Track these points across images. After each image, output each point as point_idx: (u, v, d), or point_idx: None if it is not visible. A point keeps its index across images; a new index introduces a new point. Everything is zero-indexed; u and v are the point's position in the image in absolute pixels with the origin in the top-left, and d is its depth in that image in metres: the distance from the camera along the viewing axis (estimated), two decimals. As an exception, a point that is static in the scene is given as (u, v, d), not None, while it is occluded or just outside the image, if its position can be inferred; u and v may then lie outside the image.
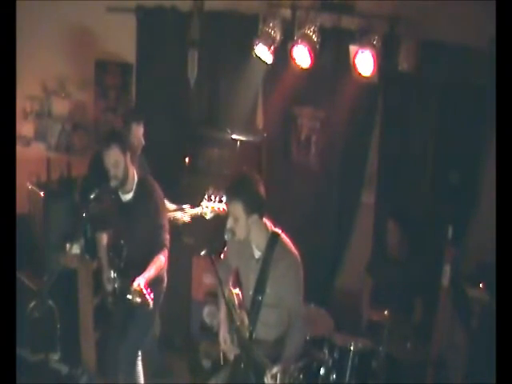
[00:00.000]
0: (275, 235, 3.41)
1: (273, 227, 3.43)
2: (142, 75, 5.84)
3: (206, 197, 4.49)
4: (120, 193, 4.08)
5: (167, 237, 4.03)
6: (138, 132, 4.68)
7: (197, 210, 4.57)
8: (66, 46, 5.96)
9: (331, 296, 5.38)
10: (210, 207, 4.49)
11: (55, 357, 4.86)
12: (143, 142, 4.71)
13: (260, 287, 3.41)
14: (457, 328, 4.56)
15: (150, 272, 3.85)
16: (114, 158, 3.92)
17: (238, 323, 3.50)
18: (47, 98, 6.23)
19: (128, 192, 4.07)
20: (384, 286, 4.71)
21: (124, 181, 4.01)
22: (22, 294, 4.64)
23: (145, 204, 4.02)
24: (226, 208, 4.07)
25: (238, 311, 3.55)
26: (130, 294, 3.73)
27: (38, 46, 5.99)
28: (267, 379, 3.22)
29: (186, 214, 4.60)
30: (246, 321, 3.47)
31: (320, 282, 5.18)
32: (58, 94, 6.17)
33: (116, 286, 4.08)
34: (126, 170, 3.99)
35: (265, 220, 3.39)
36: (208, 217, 4.54)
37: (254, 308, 3.45)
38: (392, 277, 4.65)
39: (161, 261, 3.95)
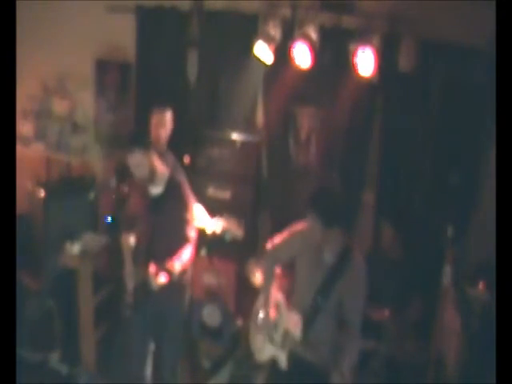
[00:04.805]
0: (349, 247, 3.45)
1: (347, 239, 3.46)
2: (142, 75, 5.83)
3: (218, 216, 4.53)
4: (149, 187, 4.13)
5: (192, 233, 4.07)
6: (165, 119, 4.82)
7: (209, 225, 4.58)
8: (66, 46, 5.94)
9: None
10: (220, 226, 4.51)
11: (55, 357, 4.86)
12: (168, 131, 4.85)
13: (324, 291, 3.40)
14: (457, 328, 4.55)
15: (175, 263, 3.94)
16: (137, 161, 3.98)
17: (286, 324, 3.47)
18: (47, 98, 6.22)
19: (157, 186, 4.11)
20: (384, 285, 4.71)
21: (151, 178, 4.05)
22: (22, 294, 4.65)
23: (173, 198, 4.07)
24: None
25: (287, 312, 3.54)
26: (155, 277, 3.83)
27: (38, 46, 5.98)
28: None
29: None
30: (299, 322, 3.41)
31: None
32: (58, 93, 6.17)
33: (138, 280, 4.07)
34: (151, 169, 4.03)
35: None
36: (218, 232, 4.58)
37: (311, 310, 3.42)
38: (391, 276, 4.64)
39: (185, 256, 4.00)
